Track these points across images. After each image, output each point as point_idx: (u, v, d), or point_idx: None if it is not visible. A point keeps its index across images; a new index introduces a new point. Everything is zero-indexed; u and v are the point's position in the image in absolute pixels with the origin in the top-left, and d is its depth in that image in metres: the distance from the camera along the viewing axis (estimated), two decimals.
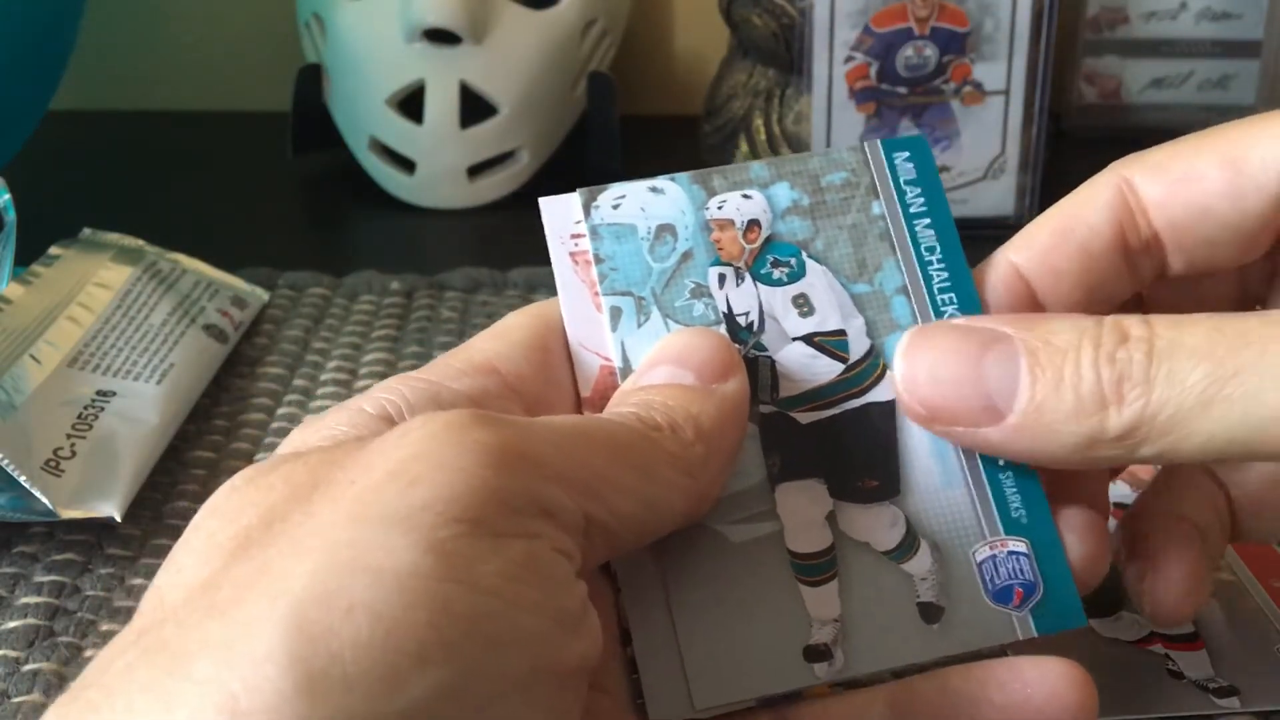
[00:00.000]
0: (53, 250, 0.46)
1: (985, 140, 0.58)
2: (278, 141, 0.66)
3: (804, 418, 0.26)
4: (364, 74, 0.63)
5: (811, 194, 0.27)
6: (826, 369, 0.26)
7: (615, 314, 0.26)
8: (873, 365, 0.26)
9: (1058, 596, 0.25)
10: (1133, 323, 0.23)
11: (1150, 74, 0.72)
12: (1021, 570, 0.25)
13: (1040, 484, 0.26)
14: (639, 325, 0.26)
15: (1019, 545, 0.25)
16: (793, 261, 0.27)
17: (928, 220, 0.27)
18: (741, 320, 0.26)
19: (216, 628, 0.18)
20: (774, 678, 0.24)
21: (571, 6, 0.64)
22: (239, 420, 0.43)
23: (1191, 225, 0.26)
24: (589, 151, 0.66)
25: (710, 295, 0.26)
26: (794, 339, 0.26)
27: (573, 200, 0.27)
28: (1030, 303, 0.27)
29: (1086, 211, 0.27)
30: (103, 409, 0.39)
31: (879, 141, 0.28)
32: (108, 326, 0.43)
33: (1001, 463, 0.26)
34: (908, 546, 0.25)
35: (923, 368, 0.25)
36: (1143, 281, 0.27)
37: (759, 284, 0.27)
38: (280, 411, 0.44)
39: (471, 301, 0.52)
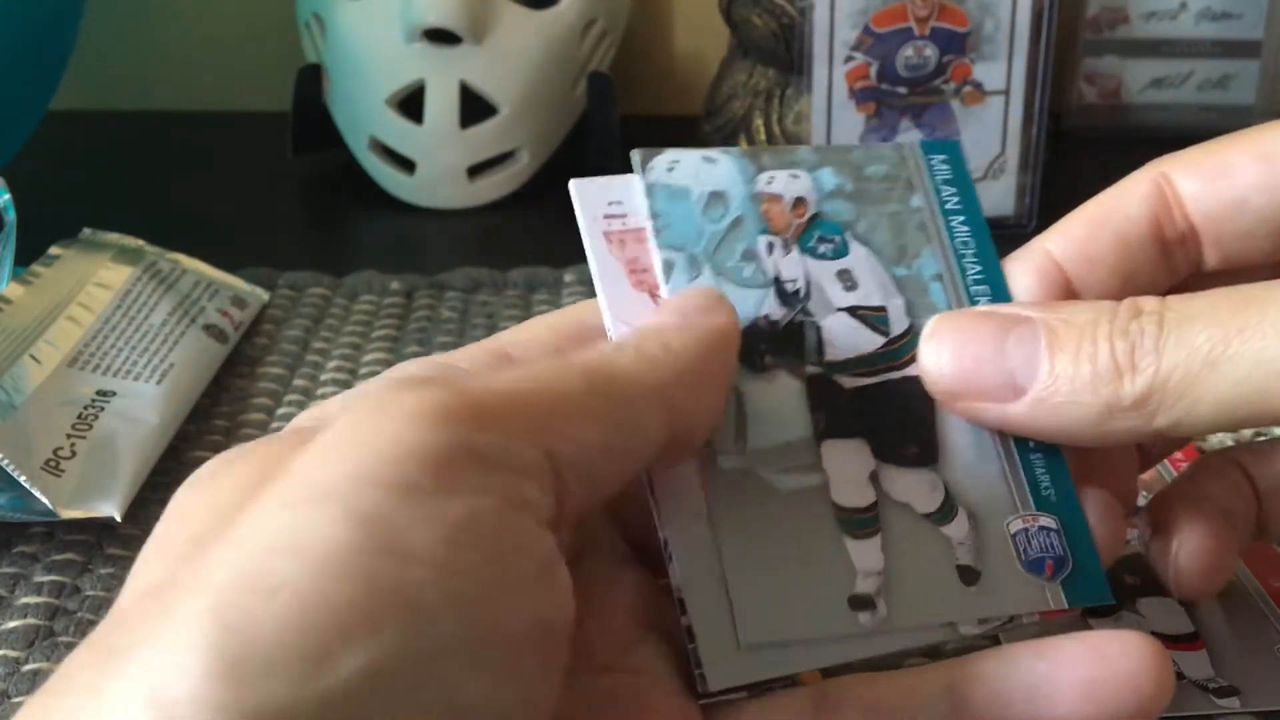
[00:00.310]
0: (53, 250, 0.46)
1: (985, 140, 0.58)
2: (278, 141, 0.66)
3: (847, 382, 0.27)
4: (364, 74, 0.63)
5: (855, 181, 0.28)
6: (868, 340, 0.27)
7: (668, 267, 0.26)
8: (911, 342, 0.27)
9: (1086, 572, 0.26)
10: (1147, 300, 0.24)
11: (1150, 74, 0.72)
12: (1052, 545, 0.26)
13: (1068, 468, 0.27)
14: (690, 280, 0.26)
15: (1049, 521, 0.26)
16: (837, 239, 0.28)
17: (962, 218, 0.29)
18: (789, 286, 0.27)
19: (151, 625, 0.17)
20: (820, 623, 0.24)
21: (571, 6, 0.64)
22: (239, 420, 0.43)
23: (1227, 218, 0.27)
24: (589, 151, 0.66)
25: (760, 261, 0.27)
26: (838, 309, 0.27)
27: (606, 182, 0.27)
28: (1066, 290, 0.27)
29: (1123, 202, 0.27)
30: (103, 409, 0.39)
31: (917, 143, 0.29)
32: (108, 326, 0.43)
33: (1032, 444, 0.27)
34: (946, 511, 0.26)
35: (947, 348, 0.26)
36: (1178, 275, 0.28)
37: (806, 256, 0.28)
38: (280, 411, 0.44)
39: (471, 301, 0.52)
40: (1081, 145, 0.71)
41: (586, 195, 0.27)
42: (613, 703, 0.23)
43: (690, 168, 0.27)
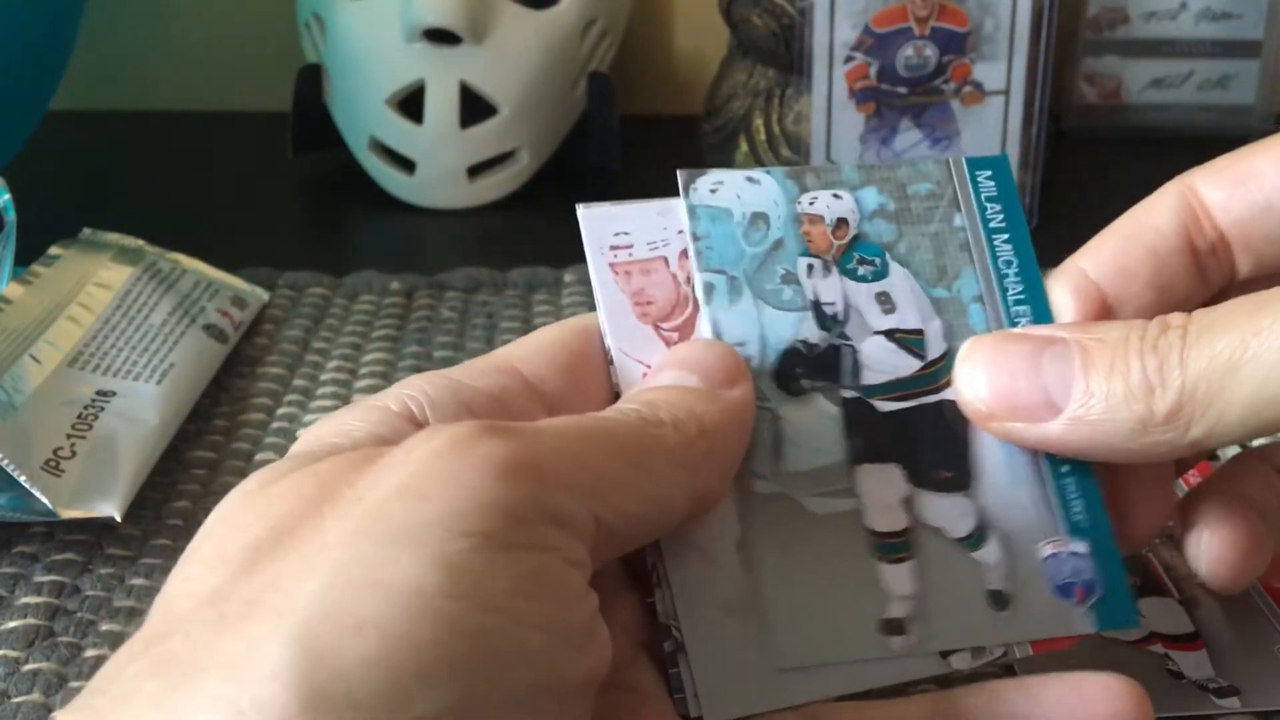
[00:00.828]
0: (53, 250, 0.46)
1: (985, 140, 0.58)
2: (278, 141, 0.66)
3: (883, 406, 0.27)
4: (364, 74, 0.63)
5: (898, 200, 0.28)
6: (905, 364, 0.27)
7: (709, 290, 0.27)
8: (947, 366, 0.27)
9: (1115, 597, 0.26)
10: (1175, 315, 0.25)
11: (1150, 74, 0.72)
12: (1082, 570, 0.26)
13: (1100, 491, 0.27)
14: (731, 303, 0.27)
15: (1080, 546, 0.27)
16: (877, 261, 0.28)
17: (1006, 236, 0.29)
18: (828, 309, 0.27)
19: (225, 643, 0.18)
20: (851, 646, 0.25)
21: (571, 6, 0.64)
22: (239, 420, 0.43)
23: (1255, 223, 0.27)
24: (589, 151, 0.66)
25: (799, 283, 0.27)
26: (875, 333, 0.27)
27: (611, 211, 0.27)
28: (1102, 307, 0.27)
29: (1152, 217, 0.28)
30: (103, 409, 0.39)
31: (964, 158, 0.29)
32: (108, 326, 0.43)
33: (1065, 468, 0.27)
34: (979, 536, 0.26)
35: (982, 370, 0.26)
36: (1214, 286, 0.28)
37: (845, 278, 0.28)
38: (280, 411, 0.44)
39: (471, 301, 0.52)
40: (1081, 145, 0.71)
41: (593, 224, 0.27)
42: (612, 718, 0.23)
43: (733, 189, 0.27)
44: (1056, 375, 0.25)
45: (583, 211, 0.27)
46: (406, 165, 0.63)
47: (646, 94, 0.78)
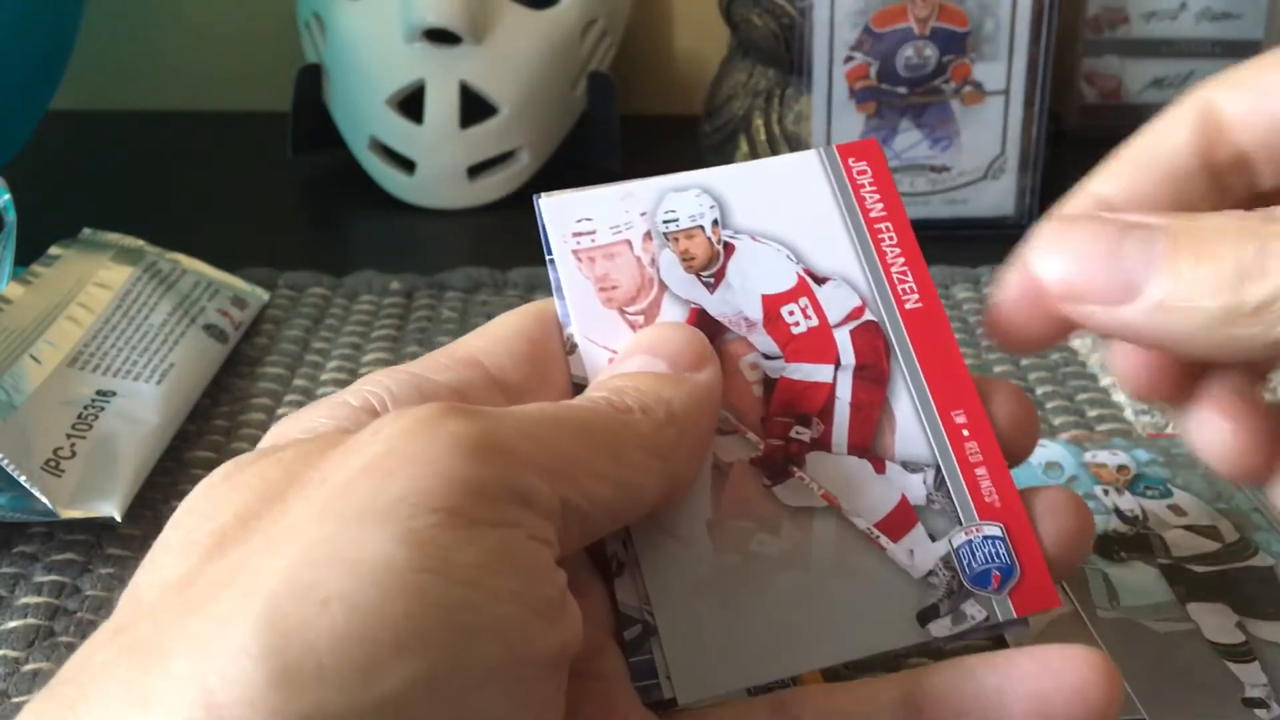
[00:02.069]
0: (53, 250, 0.46)
1: (985, 140, 0.58)
2: (278, 141, 0.66)
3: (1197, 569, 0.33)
4: (364, 74, 0.63)
5: (1165, 456, 0.37)
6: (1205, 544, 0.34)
7: None
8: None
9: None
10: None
11: (1150, 74, 0.72)
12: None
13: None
14: None
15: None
16: (1160, 488, 0.36)
17: None
18: (1128, 514, 0.35)
19: (193, 624, 0.18)
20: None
21: (571, 6, 0.64)
22: (239, 420, 0.43)
23: (1275, 135, 0.26)
24: (589, 151, 0.66)
25: (1097, 498, 0.34)
26: (1174, 526, 0.35)
27: (572, 198, 0.27)
28: None
29: (1168, 135, 0.26)
30: (103, 409, 0.39)
31: None
32: (108, 326, 0.43)
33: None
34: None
35: (1060, 250, 0.24)
36: (1239, 201, 0.27)
37: (1137, 497, 0.36)
38: (280, 411, 0.44)
39: (471, 301, 0.52)
40: (1081, 145, 0.71)
41: (554, 212, 0.27)
42: (583, 706, 0.23)
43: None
44: (1139, 257, 0.23)
45: (544, 200, 0.27)
46: (406, 165, 0.63)
47: (646, 94, 0.78)
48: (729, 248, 0.27)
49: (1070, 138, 0.72)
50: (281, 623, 0.17)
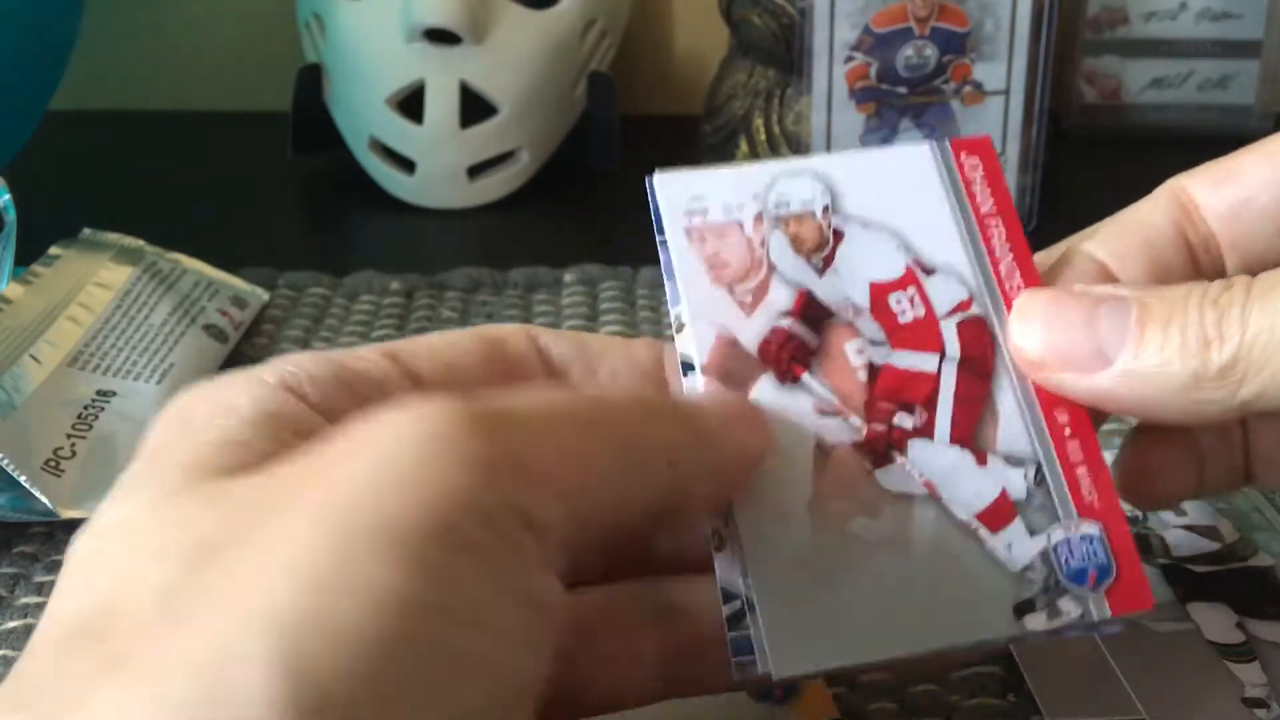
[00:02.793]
0: (53, 250, 0.47)
1: None
2: (278, 141, 0.66)
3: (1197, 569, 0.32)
4: (364, 74, 0.63)
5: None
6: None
7: None
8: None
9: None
10: (1240, 275, 0.24)
11: (1150, 74, 0.72)
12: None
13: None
14: None
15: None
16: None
17: None
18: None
19: (196, 647, 0.17)
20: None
21: (571, 6, 0.64)
22: None
23: (1237, 218, 0.27)
24: (589, 151, 0.66)
25: None
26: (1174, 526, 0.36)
27: (686, 176, 0.27)
28: (1109, 281, 0.27)
29: (1145, 213, 0.28)
30: (103, 409, 0.39)
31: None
32: (108, 326, 0.43)
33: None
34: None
35: (1037, 320, 0.26)
36: (1212, 278, 0.28)
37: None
38: None
39: (471, 301, 0.52)
40: (1081, 145, 0.71)
41: (668, 189, 0.27)
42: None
43: None
44: (1111, 327, 0.25)
45: (659, 178, 0.27)
46: (406, 165, 0.63)
47: (646, 94, 0.78)
48: (838, 234, 0.27)
49: (1070, 138, 0.72)
50: (297, 661, 0.16)
